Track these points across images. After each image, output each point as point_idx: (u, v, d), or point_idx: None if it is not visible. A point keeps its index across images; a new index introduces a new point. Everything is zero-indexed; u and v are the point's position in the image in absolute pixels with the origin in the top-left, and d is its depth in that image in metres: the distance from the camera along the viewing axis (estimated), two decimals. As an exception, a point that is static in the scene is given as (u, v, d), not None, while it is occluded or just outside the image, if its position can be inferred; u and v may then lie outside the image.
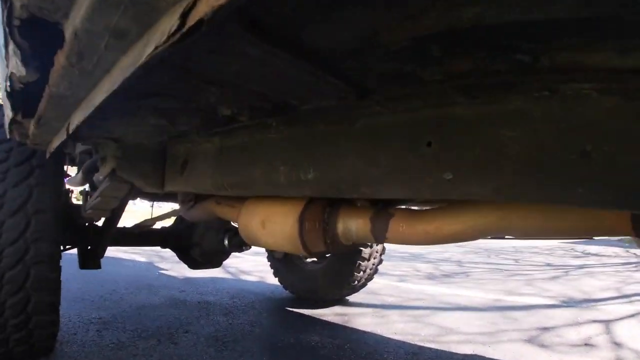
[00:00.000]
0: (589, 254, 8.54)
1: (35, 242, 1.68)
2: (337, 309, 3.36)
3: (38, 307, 1.74)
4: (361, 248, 3.14)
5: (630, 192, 0.52)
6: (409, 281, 4.97)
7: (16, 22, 0.57)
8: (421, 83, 0.57)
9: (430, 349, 2.43)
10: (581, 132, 0.53)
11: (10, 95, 0.92)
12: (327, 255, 3.39)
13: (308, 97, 0.66)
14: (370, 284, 3.88)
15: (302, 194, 0.85)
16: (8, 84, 0.80)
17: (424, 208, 1.10)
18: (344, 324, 2.91)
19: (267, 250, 3.75)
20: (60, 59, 0.55)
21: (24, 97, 0.93)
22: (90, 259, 2.26)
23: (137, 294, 3.52)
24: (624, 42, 0.42)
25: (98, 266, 2.28)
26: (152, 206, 13.91)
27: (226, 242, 2.44)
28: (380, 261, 3.44)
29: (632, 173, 0.51)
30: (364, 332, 2.72)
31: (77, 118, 0.78)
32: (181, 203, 2.08)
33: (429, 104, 0.62)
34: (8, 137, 1.60)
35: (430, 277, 5.39)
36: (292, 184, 0.84)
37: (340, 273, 3.30)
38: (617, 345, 2.54)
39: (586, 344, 2.54)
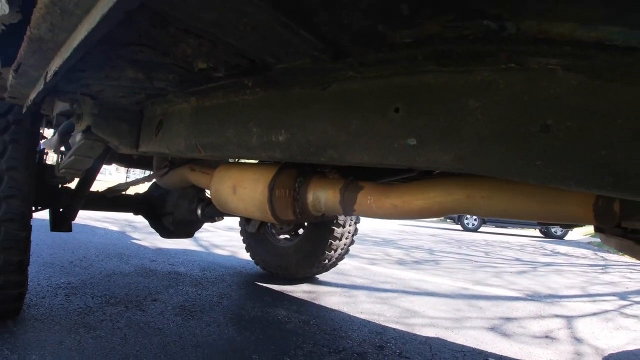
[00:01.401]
0: (558, 253, 8.72)
1: (6, 199, 1.67)
2: (306, 286, 3.40)
3: (6, 266, 1.73)
4: (333, 227, 3.16)
5: (590, 170, 0.54)
6: (379, 265, 5.03)
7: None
8: (392, 47, 0.57)
9: (394, 329, 2.47)
10: (544, 106, 0.55)
11: None
12: (299, 233, 3.41)
13: (283, 55, 0.66)
14: (340, 265, 3.92)
15: (272, 156, 0.85)
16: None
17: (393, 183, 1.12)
18: (311, 301, 2.95)
19: (240, 225, 3.76)
20: None
21: (3, 43, 0.92)
22: (62, 221, 2.24)
23: (108, 261, 3.51)
24: (586, 12, 0.43)
25: (69, 229, 2.26)
26: (127, 177, 13.85)
27: (199, 211, 2.43)
28: (352, 242, 3.47)
29: (592, 151, 0.53)
30: (331, 310, 2.76)
31: (55, 64, 0.77)
32: (156, 169, 2.07)
33: (400, 72, 0.63)
34: None
35: (401, 262, 5.46)
36: (263, 146, 0.85)
37: (312, 251, 3.33)
38: (577, 340, 2.61)
39: (547, 337, 2.63)
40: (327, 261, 3.42)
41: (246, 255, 4.01)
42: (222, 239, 5.58)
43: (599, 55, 0.50)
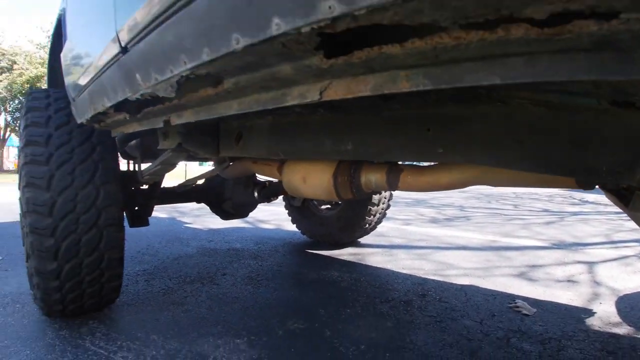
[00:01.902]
0: (586, 201, 8.87)
1: (105, 208, 1.94)
2: (351, 249, 3.78)
3: (109, 263, 2.01)
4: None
5: (549, 164, 0.87)
6: (413, 224, 5.37)
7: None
8: (422, 96, 0.91)
9: (433, 280, 2.84)
10: (520, 127, 0.88)
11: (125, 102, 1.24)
12: (339, 202, 3.78)
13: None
14: (378, 228, 4.28)
15: (342, 158, 1.20)
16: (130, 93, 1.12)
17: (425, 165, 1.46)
18: (358, 262, 3.33)
19: (284, 200, 4.14)
20: (209, 91, 0.88)
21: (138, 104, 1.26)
22: (139, 218, 2.55)
23: (170, 246, 3.88)
24: (536, 94, 0.76)
25: (147, 223, 2.57)
26: (185, 165, 14.61)
27: (255, 194, 2.81)
28: (388, 206, 3.82)
29: (549, 154, 0.86)
30: (376, 268, 3.14)
31: (186, 117, 1.12)
32: (217, 163, 2.43)
33: (431, 106, 0.96)
34: (78, 121, 1.89)
35: (434, 220, 5.79)
36: (335, 151, 1.19)
37: (353, 217, 3.70)
38: (597, 283, 2.87)
39: (569, 281, 2.90)
40: (367, 225, 3.80)
41: (291, 227, 4.40)
42: (265, 214, 5.97)
43: (553, 96, 0.82)
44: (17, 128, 26.37)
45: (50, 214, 1.80)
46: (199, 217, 5.74)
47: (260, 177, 2.87)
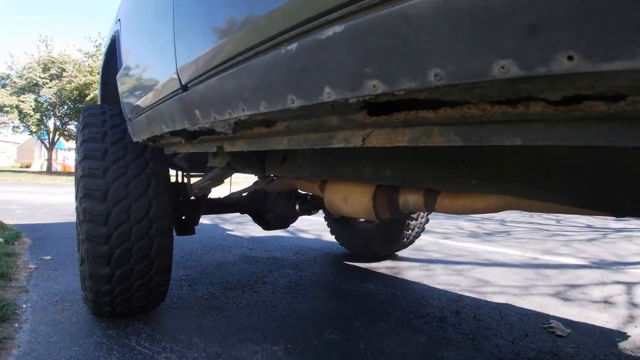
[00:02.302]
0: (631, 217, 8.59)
1: (156, 219, 2.07)
2: (388, 263, 3.84)
3: (158, 270, 2.15)
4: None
5: (576, 198, 0.92)
6: (452, 238, 5.37)
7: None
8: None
9: (469, 297, 2.86)
10: (550, 163, 0.94)
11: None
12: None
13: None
14: (416, 241, 4.32)
15: (381, 182, 1.28)
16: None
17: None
18: (395, 275, 3.38)
19: (324, 212, 4.23)
20: (262, 129, 0.98)
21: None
22: (186, 227, 2.68)
23: (213, 253, 4.04)
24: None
25: (193, 232, 2.71)
26: (230, 184, 15.13)
27: (297, 207, 2.91)
28: (427, 220, 3.86)
29: (576, 189, 0.91)
30: (413, 282, 3.19)
31: (239, 146, 1.22)
32: (261, 179, 2.54)
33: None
34: (134, 140, 2.02)
35: (473, 235, 5.76)
36: (374, 176, 1.27)
37: (391, 231, 3.76)
38: (634, 305, 2.83)
39: (606, 302, 2.87)
40: (405, 239, 3.85)
41: (330, 237, 4.48)
42: (304, 223, 6.08)
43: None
44: (65, 132, 27.58)
45: (106, 223, 1.94)
46: (240, 224, 5.90)
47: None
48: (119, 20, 2.22)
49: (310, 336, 2.15)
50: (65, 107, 25.88)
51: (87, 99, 23.28)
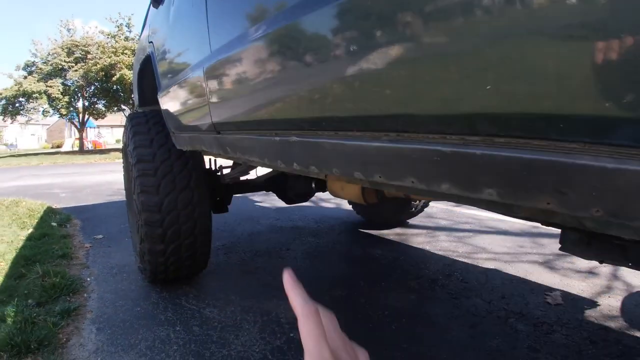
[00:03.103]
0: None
1: (198, 204, 2.58)
2: (398, 230, 4.30)
3: (202, 243, 2.68)
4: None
5: None
6: (463, 206, 5.74)
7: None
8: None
9: (462, 262, 3.30)
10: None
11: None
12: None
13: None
14: (427, 209, 4.71)
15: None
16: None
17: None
18: (401, 242, 3.86)
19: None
20: None
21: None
22: (221, 207, 3.17)
23: (244, 224, 4.57)
24: None
25: (226, 210, 3.20)
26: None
27: (313, 185, 3.40)
28: (436, 190, 4.27)
29: None
30: (415, 248, 3.66)
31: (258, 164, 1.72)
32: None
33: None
34: (177, 147, 2.47)
35: (485, 203, 6.12)
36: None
37: (401, 200, 4.17)
38: (615, 277, 2.97)
39: (590, 272, 3.06)
40: (413, 209, 4.29)
41: (348, 207, 4.96)
42: (327, 194, 6.55)
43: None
44: (94, 112, 28.32)
45: (159, 211, 2.47)
46: (267, 195, 6.41)
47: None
48: (151, 42, 2.67)
49: (322, 292, 2.68)
50: (92, 88, 26.52)
51: (114, 78, 23.71)
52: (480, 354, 2.01)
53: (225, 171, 3.10)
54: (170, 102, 2.33)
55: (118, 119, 42.57)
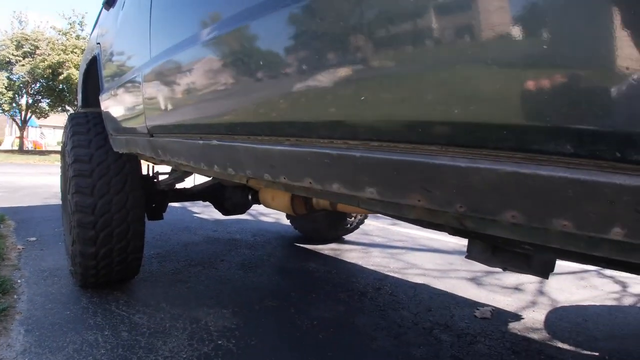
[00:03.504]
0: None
1: (132, 209, 2.57)
2: (334, 245, 4.37)
3: (134, 249, 2.67)
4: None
5: None
6: (399, 225, 5.83)
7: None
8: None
9: (393, 277, 3.40)
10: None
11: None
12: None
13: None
14: (364, 226, 4.78)
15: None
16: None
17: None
18: (335, 256, 3.93)
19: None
20: None
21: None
22: (156, 214, 3.16)
23: (180, 234, 4.52)
24: None
25: (161, 218, 3.19)
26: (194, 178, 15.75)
27: (250, 197, 3.42)
28: (370, 209, 4.40)
29: None
30: (349, 263, 3.74)
31: (190, 168, 1.75)
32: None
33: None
34: (115, 150, 2.47)
35: (420, 223, 6.31)
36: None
37: (338, 217, 4.28)
38: (541, 292, 3.09)
39: (516, 288, 3.18)
40: (349, 225, 4.39)
41: (287, 222, 5.00)
42: (268, 209, 6.57)
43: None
44: (37, 110, 27.07)
45: (93, 213, 2.45)
46: (207, 207, 6.34)
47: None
48: (99, 43, 2.67)
49: (253, 303, 2.70)
50: (38, 85, 25.35)
51: (61, 77, 22.82)
52: (403, 362, 2.09)
53: (162, 178, 3.08)
54: (111, 104, 2.35)
55: (62, 120, 40.77)
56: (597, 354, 2.27)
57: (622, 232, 0.47)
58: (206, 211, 6.09)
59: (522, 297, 3.02)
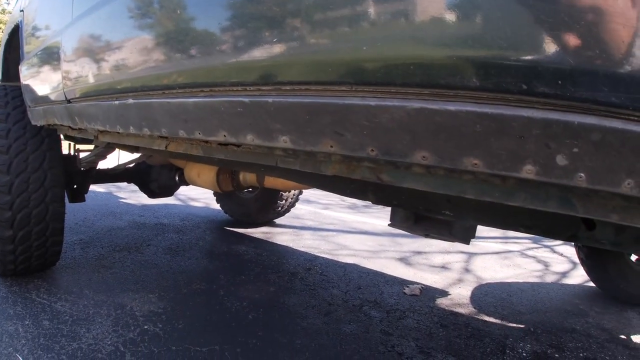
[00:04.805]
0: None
1: (51, 188, 2.43)
2: (265, 229, 4.35)
3: (53, 231, 2.52)
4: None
5: None
6: (331, 209, 5.95)
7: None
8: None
9: (323, 258, 3.43)
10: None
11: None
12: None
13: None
14: (296, 210, 4.81)
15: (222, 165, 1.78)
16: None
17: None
18: (266, 239, 3.90)
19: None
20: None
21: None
22: (77, 195, 3.00)
23: (105, 219, 4.32)
24: None
25: (83, 200, 3.03)
26: (118, 157, 15.09)
27: (177, 178, 3.32)
28: (301, 192, 4.41)
29: None
30: (280, 245, 3.73)
31: (109, 138, 1.65)
32: (146, 155, 2.92)
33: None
34: (32, 123, 2.32)
35: (352, 207, 6.34)
36: (210, 160, 1.76)
37: (268, 200, 4.26)
38: (467, 271, 3.26)
39: (443, 267, 3.33)
40: (280, 208, 4.37)
41: (217, 206, 4.91)
42: (197, 192, 6.39)
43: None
44: None
45: (9, 192, 2.29)
46: (134, 192, 6.12)
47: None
48: (22, 10, 2.48)
49: (181, 286, 2.62)
50: None
51: None
52: (334, 337, 2.10)
53: (83, 155, 2.91)
54: (30, 72, 2.22)
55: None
56: (522, 326, 2.42)
57: (533, 169, 0.47)
58: (133, 196, 5.87)
59: (449, 275, 3.17)
